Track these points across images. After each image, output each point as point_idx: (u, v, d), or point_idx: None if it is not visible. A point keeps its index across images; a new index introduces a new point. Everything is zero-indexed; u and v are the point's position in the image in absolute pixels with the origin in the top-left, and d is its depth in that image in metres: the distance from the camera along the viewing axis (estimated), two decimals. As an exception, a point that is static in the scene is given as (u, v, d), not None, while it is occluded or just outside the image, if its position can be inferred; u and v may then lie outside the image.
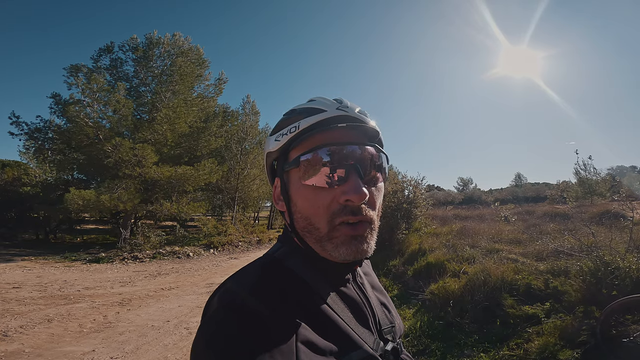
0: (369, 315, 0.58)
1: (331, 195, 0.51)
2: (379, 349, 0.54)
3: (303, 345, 0.44)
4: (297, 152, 0.55)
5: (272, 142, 0.58)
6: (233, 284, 0.50)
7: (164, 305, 5.38)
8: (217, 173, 13.82)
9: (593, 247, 3.66)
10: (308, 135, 0.53)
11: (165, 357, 3.51)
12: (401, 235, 7.61)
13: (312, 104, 0.58)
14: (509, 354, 2.78)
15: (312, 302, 0.51)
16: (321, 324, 0.49)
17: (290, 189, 0.56)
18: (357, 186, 0.50)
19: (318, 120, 0.54)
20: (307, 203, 0.53)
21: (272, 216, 26.41)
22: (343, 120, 0.55)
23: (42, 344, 3.75)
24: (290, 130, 0.55)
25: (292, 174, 0.55)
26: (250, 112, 19.57)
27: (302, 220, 0.54)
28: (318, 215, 0.52)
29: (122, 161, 11.26)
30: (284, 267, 0.56)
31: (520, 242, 6.06)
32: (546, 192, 22.13)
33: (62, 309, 5.00)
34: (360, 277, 0.64)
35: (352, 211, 0.50)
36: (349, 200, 0.50)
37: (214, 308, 0.47)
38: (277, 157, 0.59)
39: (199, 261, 10.28)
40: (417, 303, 4.55)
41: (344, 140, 0.53)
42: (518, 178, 43.27)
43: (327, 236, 0.51)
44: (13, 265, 8.47)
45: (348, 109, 0.56)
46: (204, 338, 0.43)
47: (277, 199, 0.60)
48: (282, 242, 0.62)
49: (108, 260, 9.71)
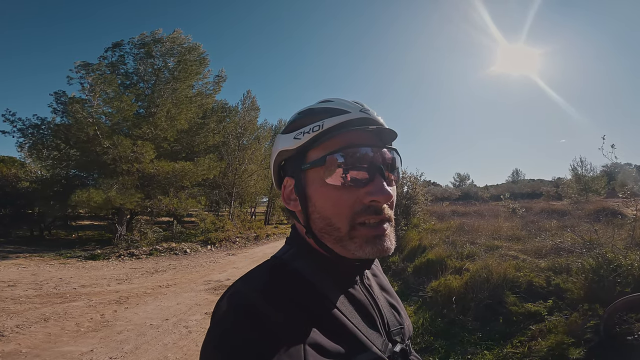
0: (376, 316, 0.58)
1: (355, 195, 0.52)
2: (388, 351, 0.55)
3: (311, 348, 0.44)
4: (320, 151, 0.54)
5: (290, 140, 0.57)
6: (242, 286, 0.50)
7: (162, 303, 5.32)
8: (216, 169, 13.74)
9: (594, 244, 3.66)
10: (332, 135, 0.54)
11: (165, 356, 3.47)
12: (401, 232, 7.62)
13: (331, 104, 0.58)
14: (512, 352, 2.78)
15: (319, 304, 0.52)
16: (329, 326, 0.49)
17: (309, 189, 0.55)
18: (383, 187, 0.51)
19: (343, 121, 0.54)
20: (329, 203, 0.53)
21: (269, 212, 26.42)
22: (366, 122, 0.56)
23: (40, 344, 3.69)
24: (313, 129, 0.55)
25: (311, 173, 0.55)
26: (249, 108, 19.43)
27: (320, 221, 0.54)
28: (340, 215, 0.52)
29: (120, 157, 11.13)
30: (292, 270, 0.56)
31: (519, 238, 6.09)
32: (542, 188, 22.34)
33: (58, 308, 4.93)
34: (367, 279, 0.64)
35: (375, 211, 0.52)
36: (374, 201, 0.51)
37: (223, 310, 0.47)
38: (290, 155, 0.58)
39: (196, 257, 10.21)
40: (417, 300, 4.55)
41: (368, 142, 0.54)
42: (515, 174, 43.63)
43: (348, 235, 0.52)
44: (7, 262, 8.33)
45: (369, 112, 0.57)
46: (213, 340, 0.44)
47: (288, 199, 0.59)
48: (289, 244, 0.62)
49: (104, 257, 9.59)
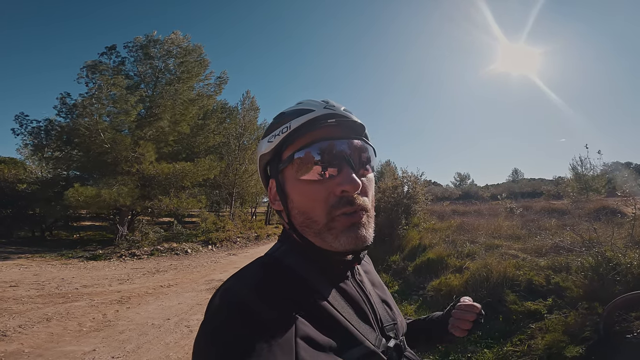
0: (369, 311, 0.59)
1: (326, 187, 0.53)
2: (382, 346, 0.55)
3: (302, 341, 0.45)
4: (290, 150, 0.57)
5: (265, 144, 0.60)
6: (234, 282, 0.51)
7: (164, 303, 5.34)
8: (216, 169, 13.77)
9: (594, 242, 3.67)
10: (299, 134, 0.56)
11: (167, 355, 3.49)
12: (401, 231, 7.62)
13: (300, 106, 0.60)
14: (512, 350, 2.79)
15: (311, 299, 0.52)
16: (321, 321, 0.50)
17: (287, 187, 0.58)
18: (351, 177, 0.53)
19: (308, 120, 0.56)
20: (304, 197, 0.55)
21: (269, 212, 26.41)
22: (331, 117, 0.57)
23: (42, 344, 3.71)
24: (282, 131, 0.57)
25: (286, 172, 0.57)
26: (249, 108, 19.44)
27: (299, 216, 0.56)
28: (315, 208, 0.54)
29: (121, 158, 11.15)
30: (283, 266, 0.57)
31: (519, 237, 6.09)
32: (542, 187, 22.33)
33: (60, 308, 4.95)
34: (359, 275, 0.65)
35: (348, 201, 0.53)
36: (344, 191, 0.53)
37: (215, 305, 0.48)
38: (270, 158, 0.61)
39: (197, 257, 10.24)
40: (418, 299, 4.57)
41: (332, 135, 0.56)
42: (515, 173, 43.64)
43: (326, 227, 0.53)
44: (9, 263, 8.35)
45: (334, 107, 0.59)
46: (205, 335, 0.44)
47: (274, 200, 0.62)
48: (281, 241, 0.64)
49: (105, 257, 9.62)
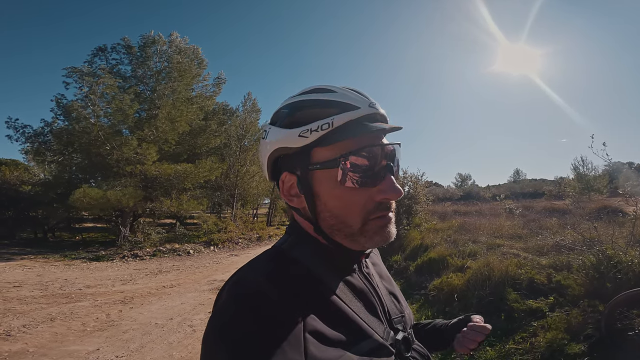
0: (377, 304, 0.58)
1: (367, 194, 0.52)
2: (390, 339, 0.55)
3: (311, 336, 0.44)
4: (330, 151, 0.51)
5: (293, 137, 0.52)
6: (241, 276, 0.51)
7: (167, 303, 5.37)
8: (217, 170, 13.80)
9: (595, 241, 3.68)
10: (345, 136, 0.50)
11: (170, 355, 3.51)
12: (403, 231, 7.63)
13: (337, 97, 0.53)
14: (514, 348, 2.80)
15: (319, 292, 0.51)
16: (330, 314, 0.49)
17: (319, 188, 0.53)
18: (394, 186, 0.52)
19: (353, 118, 0.51)
20: (342, 203, 0.52)
21: (270, 213, 26.46)
22: (375, 118, 0.54)
23: (46, 343, 3.74)
24: (321, 127, 0.50)
25: (320, 173, 0.52)
26: (250, 110, 19.46)
27: (331, 219, 0.53)
28: (352, 214, 0.52)
29: (123, 159, 11.20)
30: (291, 259, 0.56)
31: (520, 237, 6.09)
32: (544, 187, 22.26)
33: (64, 308, 4.98)
34: (366, 267, 0.63)
35: (386, 207, 0.53)
36: (385, 199, 0.52)
37: (223, 300, 0.48)
38: (292, 152, 0.54)
39: (199, 258, 10.27)
40: (420, 298, 4.58)
41: (379, 141, 0.54)
42: (517, 174, 43.56)
43: (360, 231, 0.52)
44: (13, 264, 8.40)
45: (377, 106, 0.54)
46: (214, 330, 0.44)
47: (289, 195, 0.56)
48: (289, 233, 0.61)
49: (108, 258, 9.66)
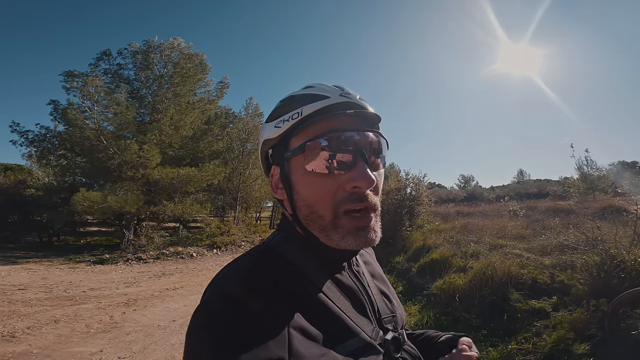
0: (366, 303, 0.57)
1: (337, 182, 0.50)
2: (379, 338, 0.53)
3: (296, 332, 0.44)
4: (300, 138, 0.53)
5: (271, 129, 0.56)
6: (227, 272, 0.51)
7: (170, 305, 5.39)
8: (220, 174, 13.85)
9: (598, 240, 3.65)
10: (312, 122, 0.52)
11: (173, 356, 3.52)
12: (405, 232, 7.61)
13: (312, 90, 0.56)
14: (517, 348, 2.78)
15: (305, 289, 0.51)
16: (315, 311, 0.49)
17: (293, 177, 0.54)
18: (365, 172, 0.50)
19: (322, 107, 0.53)
20: (312, 191, 0.52)
21: (273, 216, 26.44)
22: (346, 106, 0.53)
23: (50, 345, 3.76)
24: (292, 117, 0.53)
25: (294, 161, 0.54)
26: (253, 114, 19.55)
27: (304, 208, 0.53)
28: (323, 203, 0.51)
29: (125, 163, 11.27)
30: (278, 255, 0.55)
31: (524, 237, 6.05)
32: (548, 188, 22.09)
33: (68, 310, 5.02)
34: (357, 265, 0.63)
35: (358, 198, 0.50)
36: (356, 187, 0.50)
37: (207, 295, 0.48)
38: (275, 144, 0.57)
39: (202, 261, 10.29)
40: (422, 299, 4.56)
41: (349, 126, 0.53)
42: (520, 174, 43.27)
43: (332, 224, 0.51)
44: (18, 267, 8.48)
45: (351, 95, 0.55)
46: (197, 324, 0.44)
47: (276, 187, 0.59)
48: (279, 229, 0.62)
49: (112, 261, 9.71)
